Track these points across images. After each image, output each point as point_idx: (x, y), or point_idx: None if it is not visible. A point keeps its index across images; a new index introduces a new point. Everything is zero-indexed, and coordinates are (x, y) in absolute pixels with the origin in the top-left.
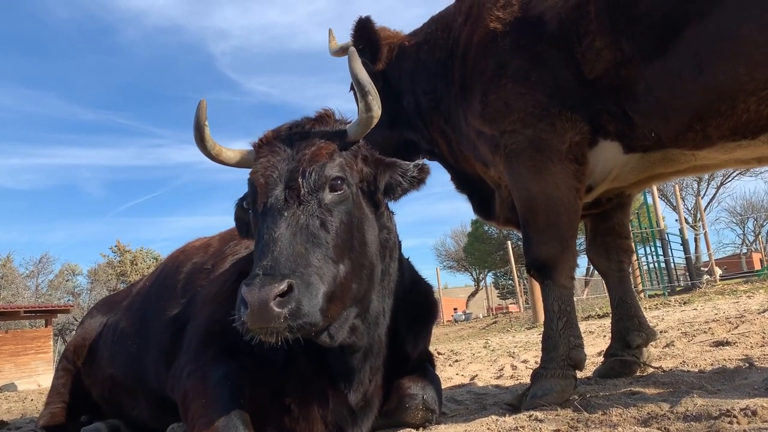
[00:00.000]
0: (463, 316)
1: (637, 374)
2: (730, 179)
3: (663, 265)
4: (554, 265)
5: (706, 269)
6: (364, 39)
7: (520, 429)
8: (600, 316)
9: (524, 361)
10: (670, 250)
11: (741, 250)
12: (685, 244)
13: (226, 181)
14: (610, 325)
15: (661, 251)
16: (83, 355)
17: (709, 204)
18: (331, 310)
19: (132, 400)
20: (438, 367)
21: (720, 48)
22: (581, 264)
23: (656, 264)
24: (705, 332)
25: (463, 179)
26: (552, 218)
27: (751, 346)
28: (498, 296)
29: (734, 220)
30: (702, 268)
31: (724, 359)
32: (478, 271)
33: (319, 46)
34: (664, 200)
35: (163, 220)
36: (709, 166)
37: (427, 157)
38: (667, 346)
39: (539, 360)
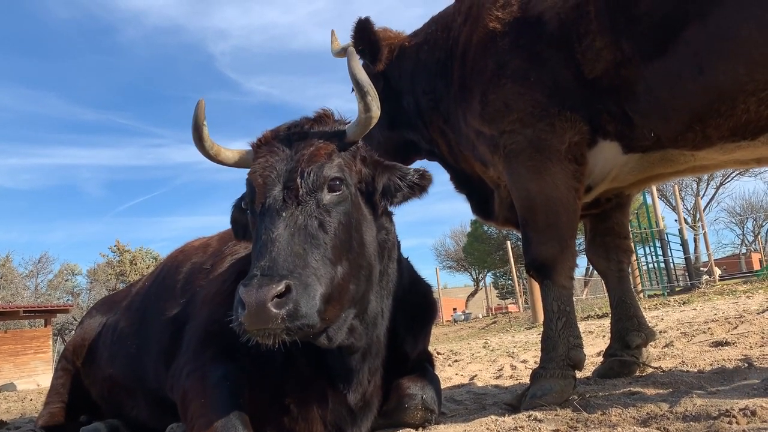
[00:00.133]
0: (463, 316)
1: (637, 374)
2: (729, 179)
3: (662, 265)
4: (553, 265)
5: (706, 269)
6: (364, 40)
7: (519, 429)
8: (599, 316)
9: (523, 361)
10: (669, 250)
11: (740, 251)
12: (684, 244)
13: (226, 181)
14: (610, 325)
15: (660, 251)
16: (82, 355)
17: (708, 204)
18: (329, 311)
19: (131, 400)
20: (437, 367)
21: (720, 48)
22: (580, 264)
23: (655, 264)
24: (704, 332)
25: (462, 179)
26: (551, 218)
27: (751, 347)
28: (497, 296)
29: (733, 221)
30: (701, 269)
31: (724, 359)
32: (477, 271)
33: (318, 46)
34: (663, 200)
35: (162, 220)
36: (709, 167)
37: (427, 157)
38: (667, 346)
39: (538, 360)
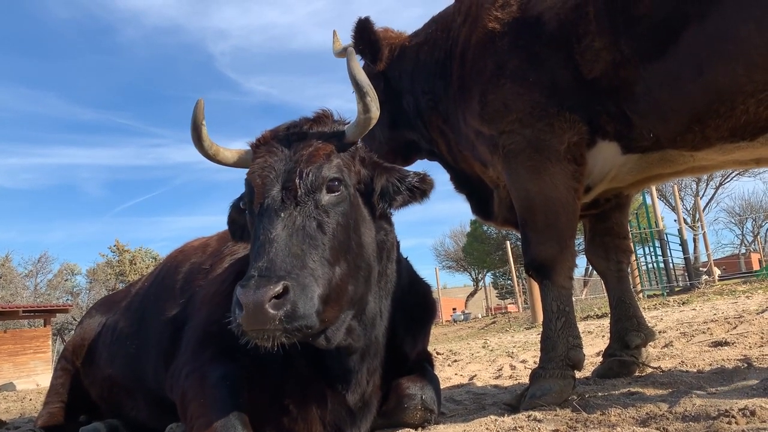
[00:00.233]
0: (462, 316)
1: (636, 374)
2: (728, 180)
3: (662, 265)
4: (553, 265)
5: (705, 269)
6: (365, 40)
7: (518, 429)
8: (599, 316)
9: (523, 361)
10: (668, 250)
11: (740, 251)
12: (683, 244)
13: (226, 181)
14: (609, 325)
15: (659, 251)
16: (82, 355)
17: (707, 204)
18: (328, 312)
19: (131, 400)
20: (437, 367)
21: (719, 49)
22: (580, 264)
23: (655, 264)
24: (704, 332)
25: (462, 179)
26: (550, 218)
27: (750, 347)
28: (497, 296)
29: (733, 221)
30: (701, 269)
31: (723, 359)
32: (477, 271)
33: (318, 47)
34: (663, 200)
35: (162, 219)
36: (708, 167)
37: (428, 157)
38: (666, 346)
39: (538, 360)
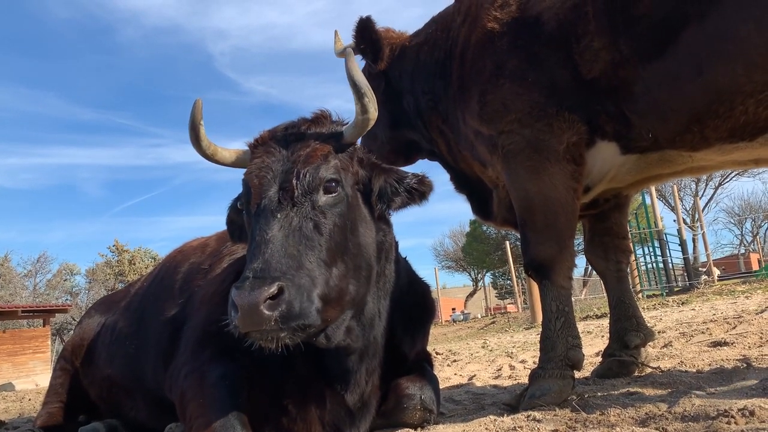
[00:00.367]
0: (462, 316)
1: (635, 374)
2: (728, 180)
3: (661, 265)
4: (552, 265)
5: (704, 270)
6: (366, 39)
7: (518, 429)
8: (598, 317)
9: (522, 361)
10: (668, 250)
11: (739, 251)
12: (683, 244)
13: (225, 181)
14: (608, 325)
15: (659, 252)
16: (81, 355)
17: (707, 204)
18: (329, 311)
19: (130, 401)
20: (436, 367)
21: (719, 49)
22: (579, 264)
23: (654, 264)
24: (703, 332)
25: (462, 179)
26: (550, 218)
27: (749, 347)
28: (496, 296)
29: (732, 221)
30: (700, 269)
31: (722, 359)
32: (476, 272)
33: (318, 47)
34: (662, 201)
35: (161, 219)
36: (707, 168)
37: (429, 157)
38: (665, 346)
39: (537, 360)
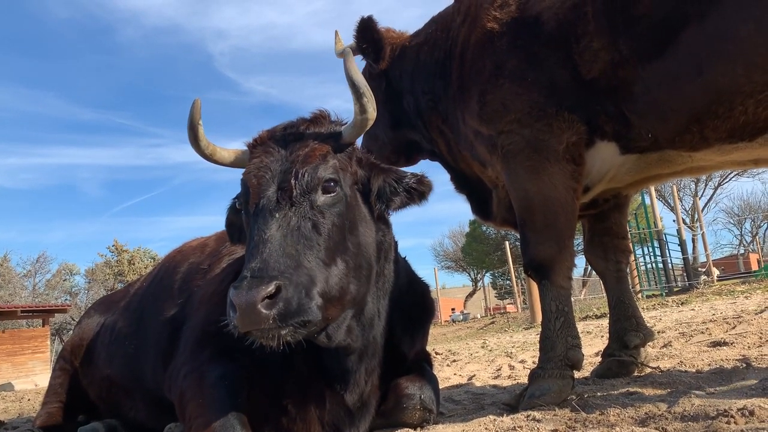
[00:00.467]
0: (461, 317)
1: (635, 374)
2: (727, 180)
3: (660, 265)
4: (551, 265)
5: (704, 270)
6: (367, 39)
7: (517, 429)
8: (598, 317)
9: (522, 361)
10: (667, 250)
11: (738, 251)
12: (682, 244)
13: (224, 181)
14: (608, 325)
15: (658, 252)
16: (80, 355)
17: (706, 205)
18: (329, 309)
19: (129, 401)
20: (436, 367)
21: (718, 49)
22: (579, 264)
23: (654, 264)
24: (702, 332)
25: (461, 179)
26: (549, 218)
27: (749, 347)
28: (496, 296)
29: (732, 221)
30: (699, 269)
31: (722, 359)
32: (475, 272)
33: (317, 47)
34: (661, 201)
35: (160, 219)
36: (706, 168)
37: (429, 157)
38: (665, 346)
39: (537, 360)
